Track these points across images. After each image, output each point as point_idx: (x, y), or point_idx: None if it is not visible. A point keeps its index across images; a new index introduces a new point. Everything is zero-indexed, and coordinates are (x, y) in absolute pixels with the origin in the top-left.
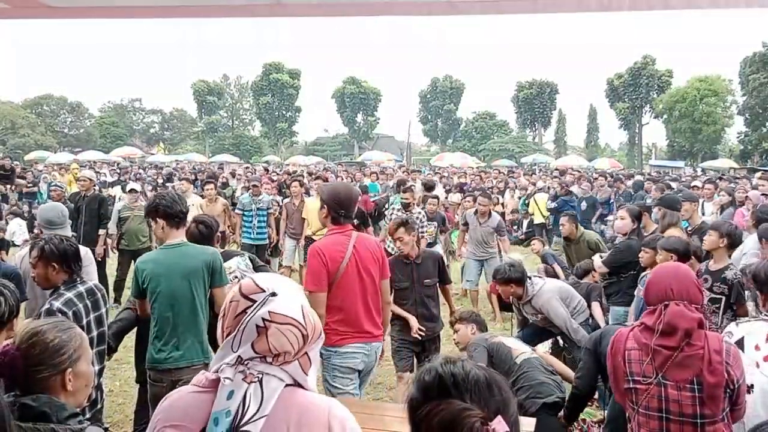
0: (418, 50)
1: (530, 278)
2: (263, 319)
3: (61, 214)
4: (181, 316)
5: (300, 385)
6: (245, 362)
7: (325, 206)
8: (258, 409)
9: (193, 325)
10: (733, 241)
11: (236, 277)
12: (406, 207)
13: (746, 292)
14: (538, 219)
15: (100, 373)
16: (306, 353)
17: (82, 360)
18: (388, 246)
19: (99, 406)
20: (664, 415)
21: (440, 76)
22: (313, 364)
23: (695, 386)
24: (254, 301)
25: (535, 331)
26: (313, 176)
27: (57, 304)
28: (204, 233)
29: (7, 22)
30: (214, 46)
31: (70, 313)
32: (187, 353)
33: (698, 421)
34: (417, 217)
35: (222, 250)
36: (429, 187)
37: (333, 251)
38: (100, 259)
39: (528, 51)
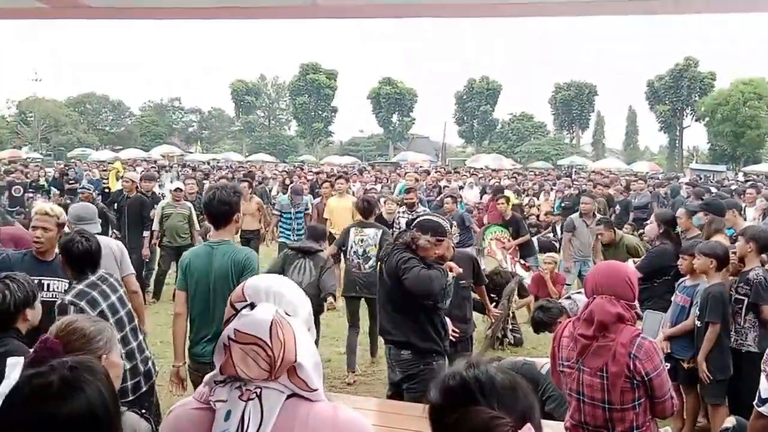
0: (455, 51)
1: (570, 298)
2: (228, 338)
3: (91, 211)
4: (212, 312)
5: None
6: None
7: None
8: (258, 428)
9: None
10: (761, 245)
11: None
12: (410, 207)
13: None
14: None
15: (129, 356)
16: (294, 369)
17: (113, 351)
18: None
19: (145, 389)
20: (580, 397)
21: (477, 77)
22: (309, 380)
23: (604, 374)
24: (236, 312)
25: None
26: (335, 176)
27: (68, 297)
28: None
29: (50, 21)
30: (251, 47)
31: (82, 303)
32: None
33: (606, 406)
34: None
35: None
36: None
37: None
38: (147, 260)
39: (566, 52)
